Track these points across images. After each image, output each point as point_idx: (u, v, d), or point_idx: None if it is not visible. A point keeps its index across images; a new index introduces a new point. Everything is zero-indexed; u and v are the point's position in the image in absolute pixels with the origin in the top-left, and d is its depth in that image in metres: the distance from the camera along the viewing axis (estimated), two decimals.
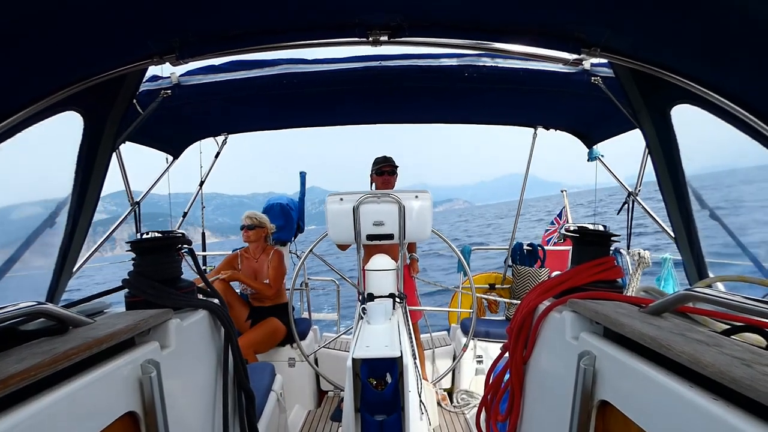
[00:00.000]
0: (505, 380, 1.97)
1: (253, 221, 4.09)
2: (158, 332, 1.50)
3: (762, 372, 0.80)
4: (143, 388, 1.30)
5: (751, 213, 2.13)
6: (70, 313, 1.25)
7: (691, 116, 1.84)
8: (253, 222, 4.08)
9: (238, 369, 1.95)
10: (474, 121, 4.13)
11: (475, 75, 2.86)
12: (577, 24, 1.70)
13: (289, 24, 1.80)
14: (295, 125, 4.13)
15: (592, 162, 3.89)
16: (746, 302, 0.94)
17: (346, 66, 2.89)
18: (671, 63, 1.69)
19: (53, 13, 1.36)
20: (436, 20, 1.77)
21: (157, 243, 1.77)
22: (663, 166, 2.14)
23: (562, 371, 1.49)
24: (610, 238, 1.78)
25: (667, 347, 0.98)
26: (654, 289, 1.73)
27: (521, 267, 4.61)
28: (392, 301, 2.28)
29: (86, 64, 1.73)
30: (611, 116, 2.89)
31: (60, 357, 1.00)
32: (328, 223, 2.58)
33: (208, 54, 1.93)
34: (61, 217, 2.11)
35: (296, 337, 3.73)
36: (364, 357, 1.73)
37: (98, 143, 2.10)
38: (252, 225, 4.08)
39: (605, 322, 1.30)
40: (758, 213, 2.48)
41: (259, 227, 4.12)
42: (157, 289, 1.65)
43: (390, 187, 3.82)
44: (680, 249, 2.26)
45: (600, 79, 2.65)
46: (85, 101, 1.91)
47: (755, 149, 1.55)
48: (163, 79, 2.87)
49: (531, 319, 1.80)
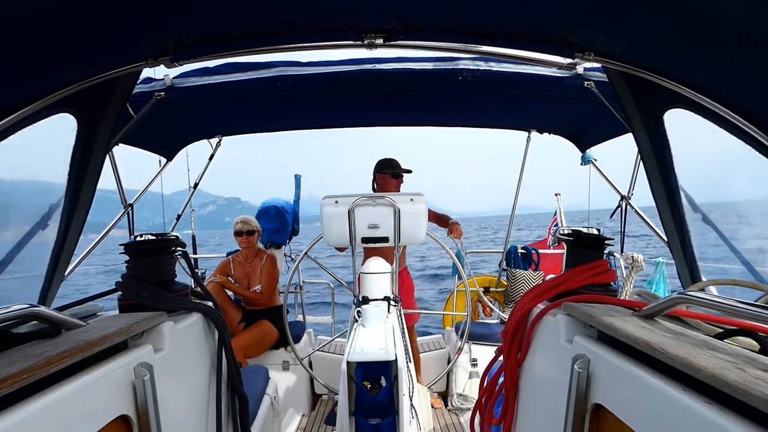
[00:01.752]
0: (499, 383, 1.97)
1: (251, 226, 4.09)
2: (152, 335, 1.49)
3: (755, 375, 0.80)
4: (136, 391, 1.29)
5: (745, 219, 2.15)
6: (63, 316, 1.24)
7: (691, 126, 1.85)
8: (251, 227, 4.09)
9: (231, 372, 1.94)
10: (468, 124, 4.14)
11: (470, 78, 2.87)
12: (570, 28, 1.71)
13: (285, 27, 1.81)
14: (290, 128, 4.12)
15: (585, 166, 3.90)
16: (739, 306, 0.95)
17: (341, 69, 2.89)
18: (664, 67, 1.70)
19: (47, 15, 1.35)
20: (430, 24, 1.77)
21: (151, 246, 1.76)
22: (655, 171, 2.15)
23: (557, 374, 1.49)
24: (604, 242, 1.79)
25: (661, 350, 0.99)
26: (647, 293, 1.75)
27: (516, 270, 4.63)
28: (387, 304, 2.28)
29: (80, 67, 1.72)
30: (604, 120, 2.91)
31: (52, 360, 0.99)
32: (323, 226, 2.58)
33: (203, 56, 1.92)
34: (53, 219, 2.10)
35: (290, 340, 3.71)
36: (358, 360, 1.73)
37: (92, 145, 2.09)
38: (251, 230, 4.08)
39: (599, 325, 1.30)
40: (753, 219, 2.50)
41: (257, 231, 4.15)
42: (151, 291, 1.64)
43: (390, 190, 3.75)
44: (673, 253, 2.28)
45: (593, 83, 2.67)
46: (78, 103, 1.90)
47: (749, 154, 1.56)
48: (156, 81, 2.86)
49: (525, 322, 1.81)
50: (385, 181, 3.76)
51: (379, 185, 3.80)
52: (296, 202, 4.87)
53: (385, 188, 3.76)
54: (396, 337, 1.96)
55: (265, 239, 4.58)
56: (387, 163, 3.80)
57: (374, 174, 3.83)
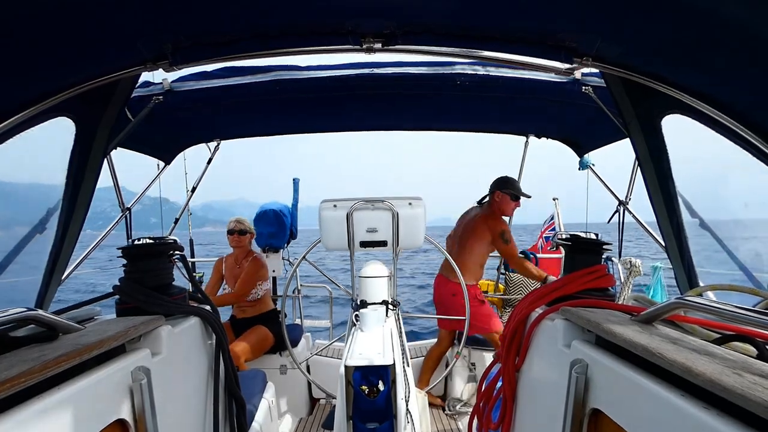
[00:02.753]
0: (497, 388, 1.97)
1: (243, 225, 4.05)
2: (149, 339, 1.49)
3: (752, 381, 0.81)
4: (133, 395, 1.29)
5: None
6: (61, 320, 1.24)
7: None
8: (243, 227, 4.05)
9: (229, 376, 1.94)
10: (466, 129, 4.15)
11: (468, 83, 2.87)
12: (569, 33, 1.71)
13: (283, 31, 1.81)
14: (288, 131, 4.12)
15: (583, 171, 3.91)
16: (737, 311, 0.95)
17: (339, 73, 2.89)
18: (662, 73, 1.71)
19: (46, 19, 1.35)
20: (429, 28, 1.78)
21: (149, 249, 1.76)
22: (653, 176, 2.15)
23: (555, 379, 1.49)
24: (602, 246, 1.79)
25: (659, 355, 0.99)
26: (645, 298, 1.75)
27: (514, 274, 4.62)
28: (385, 308, 2.28)
29: (79, 71, 1.72)
30: (602, 125, 2.92)
31: (50, 364, 0.99)
32: (322, 230, 2.58)
33: (201, 60, 1.92)
34: (51, 222, 2.10)
35: (288, 344, 3.70)
36: (356, 364, 1.73)
37: (90, 149, 2.09)
38: (243, 230, 4.04)
39: (597, 330, 1.30)
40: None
41: (249, 232, 4.10)
42: (149, 295, 1.64)
43: (507, 212, 3.86)
44: (671, 258, 2.28)
45: (591, 88, 2.68)
46: (77, 107, 1.90)
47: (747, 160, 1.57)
48: (154, 85, 2.85)
49: (524, 326, 1.81)
50: (503, 201, 3.79)
51: (495, 202, 3.82)
52: (294, 206, 4.86)
53: (501, 207, 3.80)
54: (394, 341, 1.95)
55: (263, 243, 4.57)
56: (509, 182, 3.82)
57: (492, 189, 3.85)
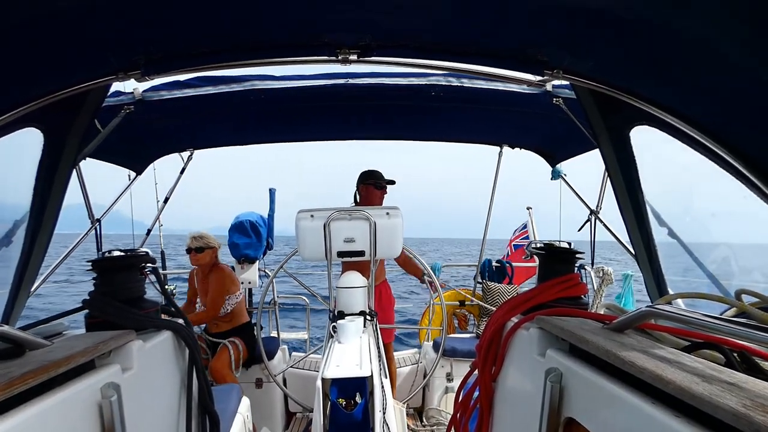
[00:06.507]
0: (474, 398, 1.97)
1: (200, 242, 3.85)
2: (120, 354, 1.45)
3: (721, 389, 0.82)
4: (103, 412, 1.25)
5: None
6: (27, 335, 1.20)
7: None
8: (200, 244, 3.85)
9: (202, 391, 1.90)
10: (441, 139, 4.19)
11: (442, 94, 2.91)
12: (539, 47, 1.75)
13: (258, 42, 1.80)
14: (263, 141, 4.09)
15: (555, 181, 3.98)
16: (705, 320, 0.97)
17: (315, 83, 2.89)
18: (631, 86, 1.75)
19: (15, 30, 1.32)
20: (403, 41, 1.79)
21: (119, 262, 1.72)
22: (621, 186, 2.20)
23: (530, 388, 1.50)
24: (575, 255, 1.82)
25: (630, 363, 1.00)
26: (615, 306, 1.78)
27: (491, 283, 4.67)
28: (363, 319, 2.27)
29: (48, 81, 1.69)
30: (574, 136, 2.98)
31: (16, 381, 0.96)
32: (299, 240, 2.56)
33: (174, 71, 1.90)
34: (17, 235, 2.03)
35: (264, 356, 3.65)
36: (334, 377, 1.71)
37: (58, 160, 2.03)
38: (201, 247, 3.84)
39: (571, 338, 1.32)
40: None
41: (207, 248, 3.88)
42: (119, 309, 1.60)
43: (374, 201, 3.77)
44: (641, 266, 2.33)
45: (562, 100, 2.73)
46: (45, 117, 1.86)
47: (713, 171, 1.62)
48: (125, 94, 2.80)
49: (500, 336, 1.82)
50: (368, 192, 3.76)
51: (362, 196, 3.80)
52: (270, 217, 4.82)
53: (368, 199, 3.77)
54: (372, 352, 1.94)
55: (238, 254, 4.50)
56: (370, 174, 3.80)
57: (357, 185, 3.83)
